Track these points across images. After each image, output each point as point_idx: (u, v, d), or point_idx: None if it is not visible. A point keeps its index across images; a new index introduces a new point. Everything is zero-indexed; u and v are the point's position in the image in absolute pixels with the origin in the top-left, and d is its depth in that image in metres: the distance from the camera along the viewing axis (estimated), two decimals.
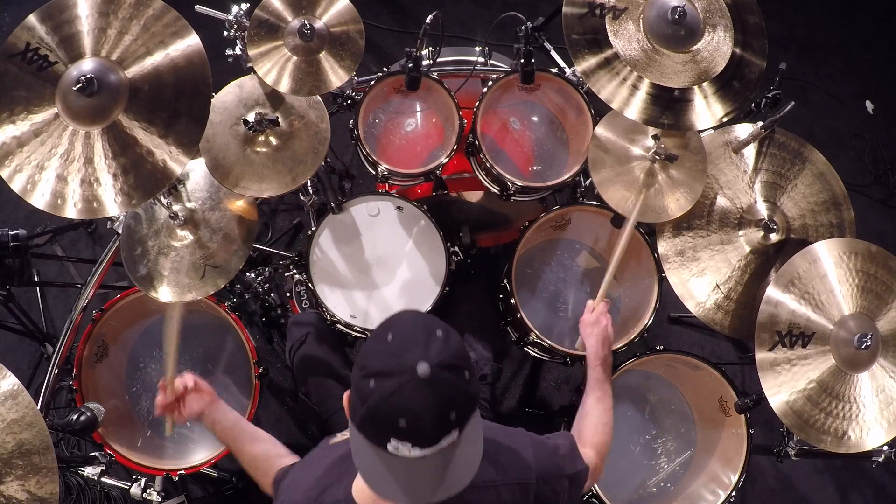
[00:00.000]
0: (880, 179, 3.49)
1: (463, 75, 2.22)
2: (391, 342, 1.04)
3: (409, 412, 0.98)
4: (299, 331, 2.08)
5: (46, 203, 1.54)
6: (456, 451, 1.04)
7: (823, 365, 1.70)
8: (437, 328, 1.06)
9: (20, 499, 1.39)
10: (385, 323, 1.10)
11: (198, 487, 2.52)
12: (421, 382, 0.98)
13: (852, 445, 1.69)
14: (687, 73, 1.78)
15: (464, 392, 1.03)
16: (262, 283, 2.41)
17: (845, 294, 1.74)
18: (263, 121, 1.79)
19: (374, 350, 1.06)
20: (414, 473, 1.04)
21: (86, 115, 1.54)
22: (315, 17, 1.86)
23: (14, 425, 1.43)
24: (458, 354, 1.05)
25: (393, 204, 2.09)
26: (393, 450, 1.00)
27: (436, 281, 2.04)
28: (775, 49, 2.35)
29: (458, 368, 1.02)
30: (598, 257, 2.30)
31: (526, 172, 2.22)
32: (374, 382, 1.00)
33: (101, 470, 2.07)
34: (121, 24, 1.58)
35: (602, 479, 1.90)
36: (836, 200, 2.01)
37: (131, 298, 2.03)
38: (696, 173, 1.93)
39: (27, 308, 2.46)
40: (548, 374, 2.82)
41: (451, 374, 1.01)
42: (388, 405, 0.99)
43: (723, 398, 2.00)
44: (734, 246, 1.94)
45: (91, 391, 2.01)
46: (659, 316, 2.05)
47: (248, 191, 1.82)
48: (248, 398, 2.00)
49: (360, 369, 1.04)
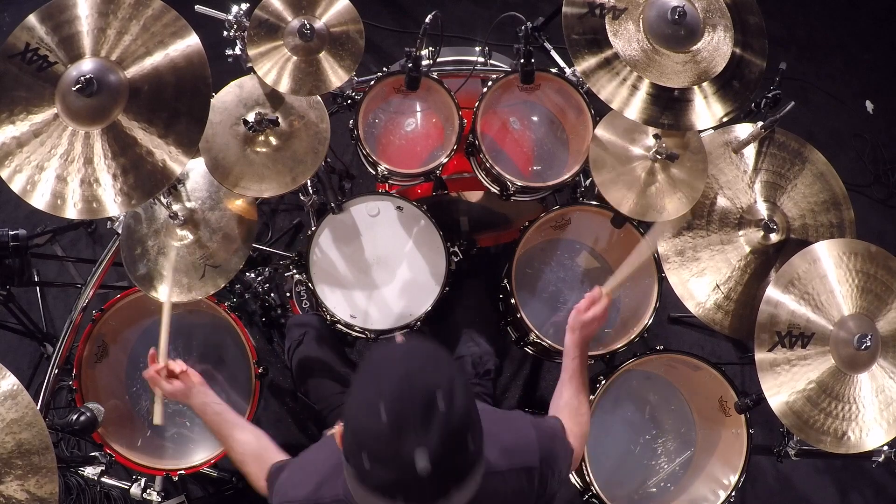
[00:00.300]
0: (880, 179, 3.49)
1: (463, 75, 2.22)
2: (385, 421, 0.93)
3: (409, 492, 0.95)
4: (298, 331, 2.08)
5: (46, 203, 1.54)
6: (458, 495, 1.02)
7: (823, 365, 1.70)
8: (437, 394, 0.94)
9: (20, 499, 1.39)
10: (375, 388, 0.98)
11: (198, 487, 2.52)
12: (420, 476, 0.92)
13: (852, 446, 1.69)
14: (687, 73, 1.78)
15: (467, 465, 0.99)
16: (262, 283, 2.41)
17: (845, 294, 1.74)
18: (263, 121, 1.79)
19: (367, 426, 0.96)
20: None
21: (85, 115, 1.55)
22: (315, 17, 1.86)
23: (14, 425, 1.43)
24: (462, 421, 0.97)
25: (393, 204, 2.09)
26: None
27: (436, 281, 2.04)
28: (775, 49, 2.34)
29: (460, 444, 0.96)
30: (599, 257, 2.30)
31: (526, 172, 2.22)
32: (370, 465, 0.95)
33: (101, 470, 2.07)
34: (120, 25, 1.58)
35: (602, 478, 1.91)
36: (836, 200, 2.01)
37: (131, 298, 2.03)
38: (696, 173, 1.93)
39: (27, 308, 2.46)
40: (548, 374, 2.82)
41: (453, 455, 0.96)
42: (387, 488, 0.96)
43: (723, 398, 2.00)
44: (734, 246, 1.94)
45: (91, 391, 2.01)
46: (659, 316, 2.04)
47: (248, 191, 1.82)
48: (248, 398, 2.00)
49: (353, 436, 0.99)
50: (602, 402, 2.03)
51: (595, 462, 1.89)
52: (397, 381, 0.97)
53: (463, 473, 1.00)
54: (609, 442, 2.12)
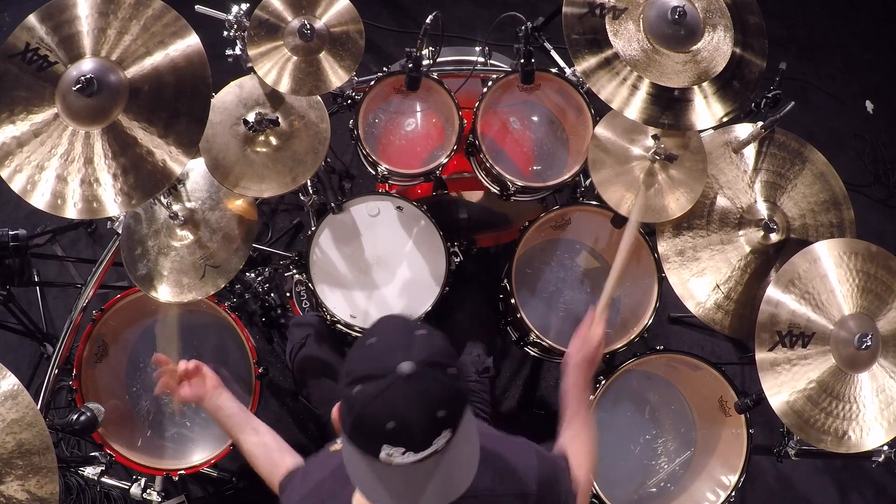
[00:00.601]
0: (880, 179, 3.49)
1: (463, 75, 2.22)
2: (373, 346, 1.04)
3: (397, 414, 0.97)
4: (300, 332, 2.08)
5: (46, 203, 1.54)
6: (450, 454, 1.03)
7: (823, 365, 1.70)
8: (418, 329, 1.05)
9: (20, 499, 1.39)
10: (368, 330, 1.10)
11: (198, 487, 2.52)
12: (405, 382, 0.97)
13: (852, 445, 1.69)
14: (687, 73, 1.78)
15: (451, 389, 1.01)
16: (262, 283, 2.41)
17: (845, 294, 1.74)
18: (263, 121, 1.79)
19: (358, 356, 1.05)
20: (410, 481, 1.03)
21: (86, 115, 1.55)
22: (315, 17, 1.86)
23: (14, 425, 1.43)
24: (442, 352, 1.04)
25: (393, 204, 2.09)
26: (385, 458, 0.98)
27: (436, 281, 2.04)
28: (775, 49, 2.35)
29: (442, 366, 1.01)
30: (599, 257, 2.30)
31: (526, 172, 2.22)
32: (359, 388, 0.99)
33: (101, 470, 2.06)
34: (120, 25, 1.58)
35: (602, 478, 1.91)
36: (836, 200, 2.01)
37: (131, 298, 2.03)
38: (696, 173, 1.93)
39: (27, 308, 2.46)
40: (548, 374, 2.82)
41: (435, 371, 1.00)
42: (375, 409, 0.97)
43: (723, 398, 2.00)
44: (734, 246, 1.94)
45: (91, 391, 2.01)
46: (659, 316, 2.05)
47: (248, 191, 1.82)
48: (248, 398, 1.99)
49: (346, 376, 1.03)
50: (602, 402, 2.03)
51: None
52: (383, 326, 1.10)
53: (449, 401, 1.01)
54: (609, 442, 2.12)
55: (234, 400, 1.58)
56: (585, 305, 2.23)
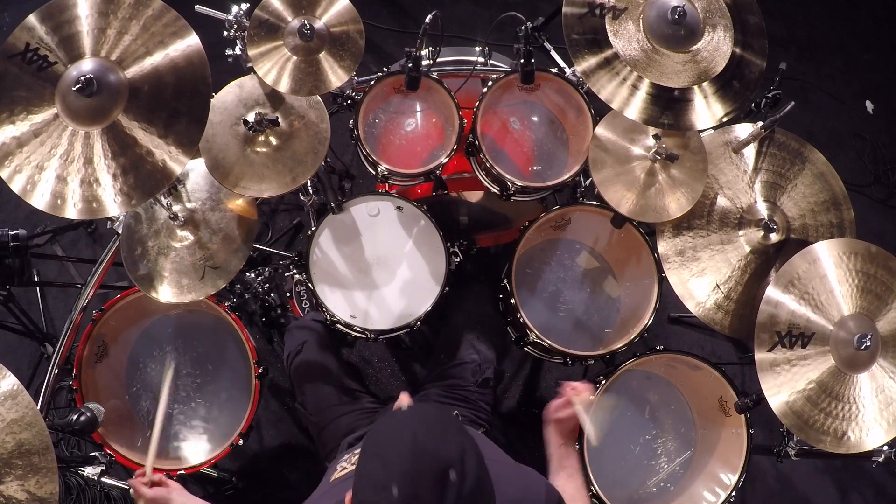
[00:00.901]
0: (880, 179, 3.49)
1: (463, 75, 2.22)
2: (397, 496, 0.89)
3: None
4: (299, 335, 2.07)
5: (46, 203, 1.54)
6: None
7: (823, 365, 1.70)
8: (449, 468, 0.91)
9: (20, 499, 1.39)
10: (386, 456, 0.94)
11: (198, 487, 2.52)
12: None
13: (852, 446, 1.69)
14: (687, 73, 1.78)
15: None
16: (262, 283, 2.41)
17: (845, 294, 1.74)
18: (263, 121, 1.79)
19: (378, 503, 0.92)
20: None
21: (85, 115, 1.55)
22: (315, 17, 1.86)
23: (14, 425, 1.43)
24: (475, 492, 0.93)
25: (393, 204, 2.09)
26: None
27: (436, 281, 2.04)
28: (775, 49, 2.35)
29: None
30: (598, 257, 2.30)
31: (526, 172, 2.22)
32: None
33: (101, 470, 2.06)
34: (120, 25, 1.58)
35: (602, 478, 1.91)
36: (836, 200, 2.01)
37: (131, 298, 2.03)
38: (696, 173, 1.93)
39: (27, 308, 2.46)
40: (548, 374, 2.83)
41: None
42: None
43: (723, 398, 2.00)
44: (734, 246, 1.94)
45: (91, 391, 2.01)
46: (659, 316, 2.04)
47: (248, 191, 1.82)
48: (248, 398, 1.99)
49: None
50: (602, 401, 2.02)
51: (595, 462, 1.89)
52: (408, 456, 0.93)
53: None
54: (609, 442, 2.12)
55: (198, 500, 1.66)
56: (585, 305, 2.23)
